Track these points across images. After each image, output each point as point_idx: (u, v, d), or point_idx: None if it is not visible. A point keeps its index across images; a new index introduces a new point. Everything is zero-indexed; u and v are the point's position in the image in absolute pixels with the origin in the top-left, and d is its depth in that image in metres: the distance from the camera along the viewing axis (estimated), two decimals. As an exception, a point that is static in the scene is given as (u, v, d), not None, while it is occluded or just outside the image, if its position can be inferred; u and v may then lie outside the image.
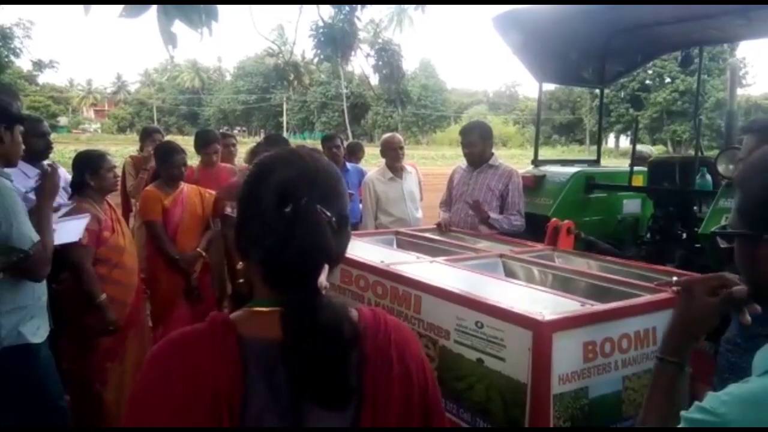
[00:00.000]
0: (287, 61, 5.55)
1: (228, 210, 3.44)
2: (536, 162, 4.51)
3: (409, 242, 3.19)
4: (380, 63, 5.41)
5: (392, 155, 4.23)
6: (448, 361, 1.90)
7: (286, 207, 0.86)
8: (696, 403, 0.90)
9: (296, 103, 64.22)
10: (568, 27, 4.12)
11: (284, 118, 63.42)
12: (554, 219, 2.96)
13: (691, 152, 4.33)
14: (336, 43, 5.01)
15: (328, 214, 0.87)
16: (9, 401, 2.07)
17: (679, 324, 1.15)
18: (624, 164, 5.02)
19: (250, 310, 0.92)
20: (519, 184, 3.52)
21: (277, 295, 0.87)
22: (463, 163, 3.73)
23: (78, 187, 2.96)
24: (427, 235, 3.27)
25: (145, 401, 0.85)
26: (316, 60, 5.46)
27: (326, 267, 0.86)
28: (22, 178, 2.80)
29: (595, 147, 5.65)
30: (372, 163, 12.34)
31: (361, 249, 2.72)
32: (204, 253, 3.54)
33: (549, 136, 60.20)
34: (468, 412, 1.84)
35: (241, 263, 0.96)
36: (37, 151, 3.03)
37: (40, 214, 2.19)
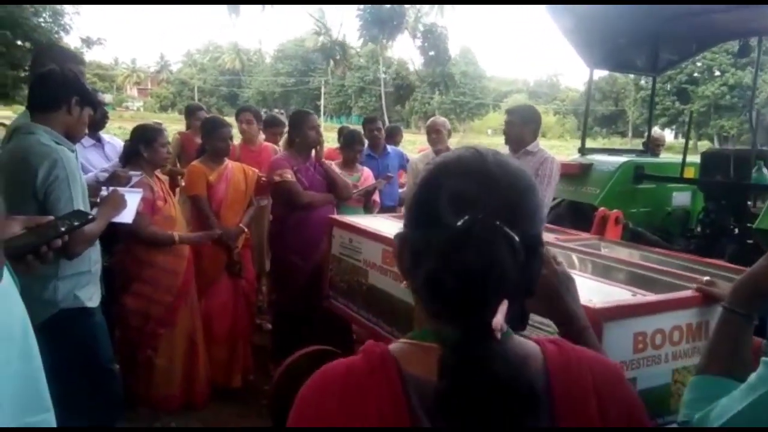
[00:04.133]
0: (334, 41, 5.53)
1: (276, 178, 3.50)
2: (583, 150, 4.41)
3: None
4: (426, 45, 5.34)
5: (432, 137, 4.23)
6: (492, 345, 1.88)
7: (453, 220, 0.70)
8: None
9: (334, 87, 64.36)
10: (621, 11, 3.99)
11: (322, 102, 63.65)
12: (602, 208, 2.89)
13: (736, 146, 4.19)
14: (383, 23, 4.96)
15: (509, 232, 0.69)
16: (63, 362, 2.14)
17: (755, 281, 1.15)
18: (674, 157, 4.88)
19: (411, 343, 0.78)
20: (551, 172, 3.32)
21: (441, 327, 0.72)
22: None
23: (130, 157, 3.03)
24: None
25: None
26: (360, 41, 5.44)
27: (504, 302, 0.68)
28: (78, 147, 2.87)
29: (637, 140, 5.49)
30: (408, 149, 12.30)
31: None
32: (246, 229, 3.60)
33: (590, 128, 58.84)
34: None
35: (404, 282, 0.82)
36: (94, 120, 3.10)
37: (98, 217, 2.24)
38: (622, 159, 4.20)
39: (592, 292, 1.80)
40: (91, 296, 2.25)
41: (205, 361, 3.31)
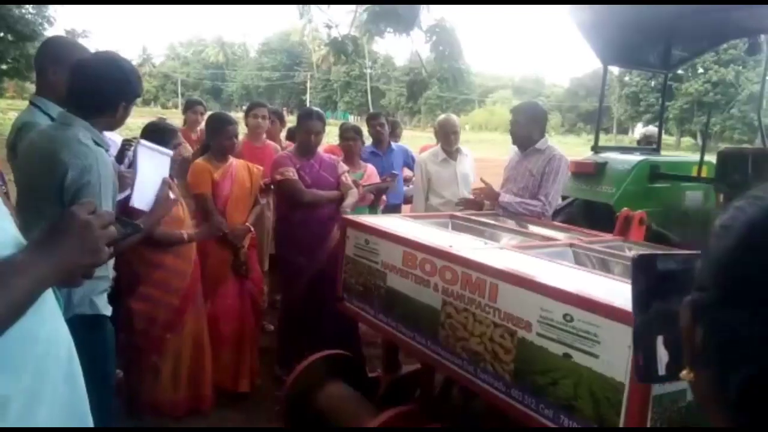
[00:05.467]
0: (346, 35, 5.42)
1: (278, 177, 3.44)
2: (596, 148, 4.35)
3: (467, 227, 3.08)
4: (435, 39, 5.24)
5: (451, 139, 4.13)
6: (527, 353, 1.81)
7: None
8: None
9: (320, 82, 64.06)
10: (636, 8, 3.94)
11: (307, 96, 63.29)
12: (626, 209, 2.82)
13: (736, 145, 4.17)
14: (399, 16, 4.85)
15: None
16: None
17: None
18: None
19: None
20: (558, 169, 3.28)
21: None
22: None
23: None
24: (483, 219, 3.16)
25: None
26: (366, 35, 5.34)
27: None
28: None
29: (622, 136, 5.47)
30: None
31: (419, 231, 2.62)
32: (252, 229, 3.50)
33: (574, 124, 59.56)
34: (550, 409, 1.75)
35: (686, 371, 0.57)
36: None
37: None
38: (636, 157, 4.15)
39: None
40: (106, 303, 2.13)
41: (212, 365, 3.20)
